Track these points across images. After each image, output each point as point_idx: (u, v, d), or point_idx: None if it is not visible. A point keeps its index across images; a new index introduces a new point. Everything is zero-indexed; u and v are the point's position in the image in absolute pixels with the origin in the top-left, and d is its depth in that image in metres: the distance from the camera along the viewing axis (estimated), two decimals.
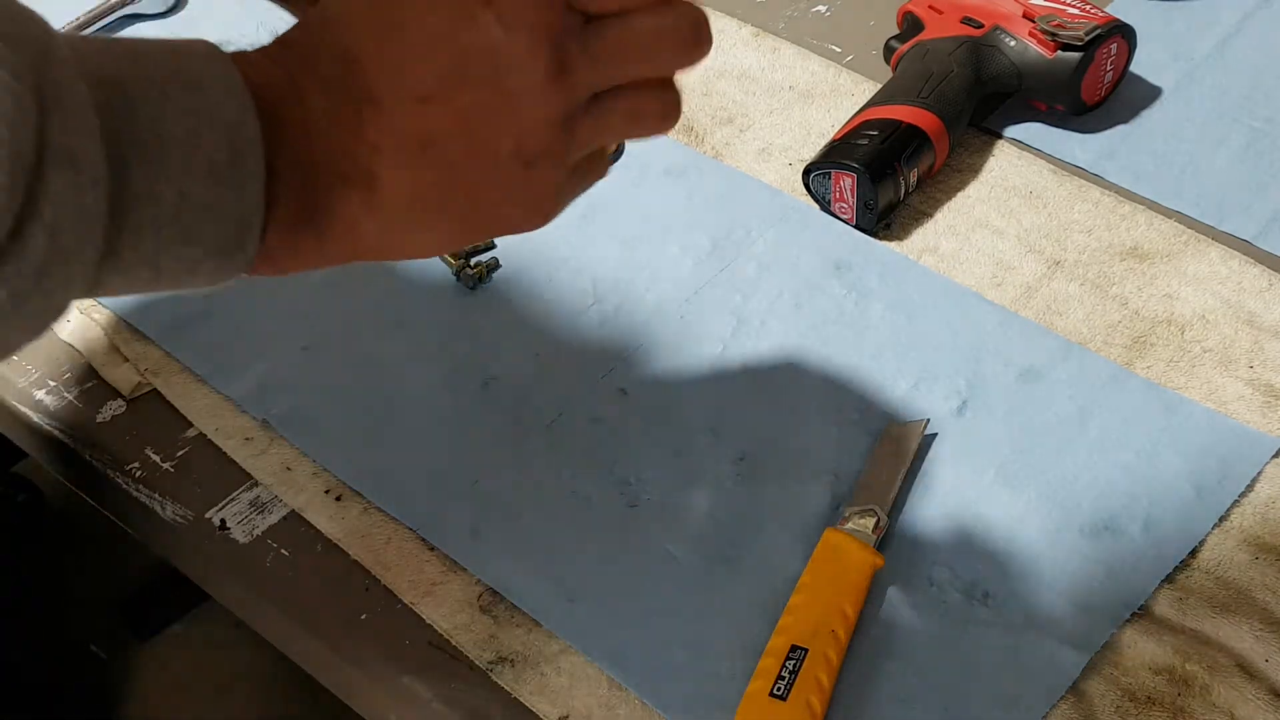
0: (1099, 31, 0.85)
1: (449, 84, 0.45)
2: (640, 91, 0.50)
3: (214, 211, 0.43)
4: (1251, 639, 0.64)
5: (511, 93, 0.46)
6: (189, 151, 0.42)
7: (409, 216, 0.48)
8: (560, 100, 0.47)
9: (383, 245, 0.49)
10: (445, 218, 0.48)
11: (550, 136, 0.48)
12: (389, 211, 0.47)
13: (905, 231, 0.84)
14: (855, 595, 0.65)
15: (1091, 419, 0.73)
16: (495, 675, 0.66)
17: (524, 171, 0.48)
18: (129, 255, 0.43)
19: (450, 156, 0.46)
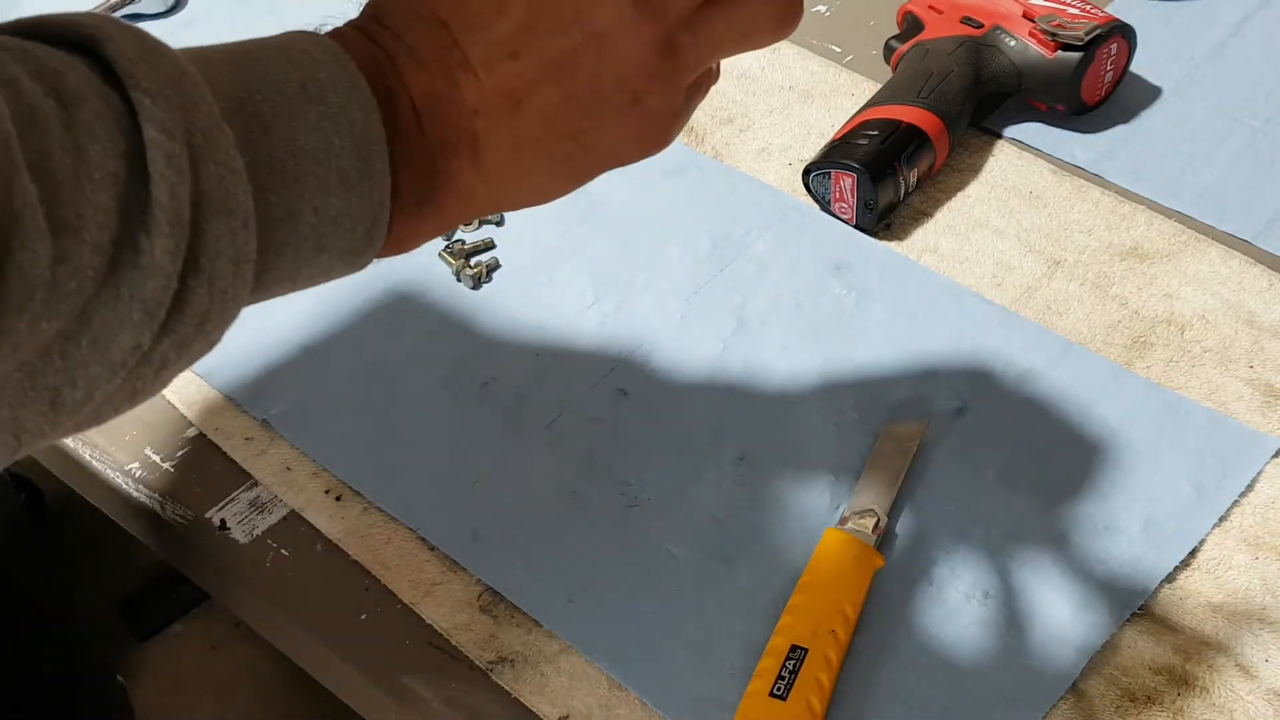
0: (1099, 31, 0.85)
1: (532, 35, 0.45)
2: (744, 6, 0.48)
3: (347, 219, 0.44)
4: (1251, 639, 0.64)
5: (599, 32, 0.45)
6: (322, 168, 0.42)
7: (517, 169, 0.47)
8: (652, 28, 0.46)
9: (495, 201, 0.48)
10: (553, 164, 0.48)
11: (652, 66, 0.46)
12: (497, 169, 0.47)
13: (905, 231, 0.84)
14: (855, 595, 0.65)
15: (1091, 419, 0.73)
16: (495, 675, 0.66)
17: (633, 107, 0.47)
18: (271, 276, 0.43)
19: (548, 105, 0.46)
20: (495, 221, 0.86)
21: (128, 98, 0.38)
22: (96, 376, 0.38)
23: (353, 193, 0.43)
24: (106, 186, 0.37)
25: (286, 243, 0.42)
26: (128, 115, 0.38)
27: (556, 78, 0.46)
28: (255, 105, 0.41)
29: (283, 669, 0.85)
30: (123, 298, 0.37)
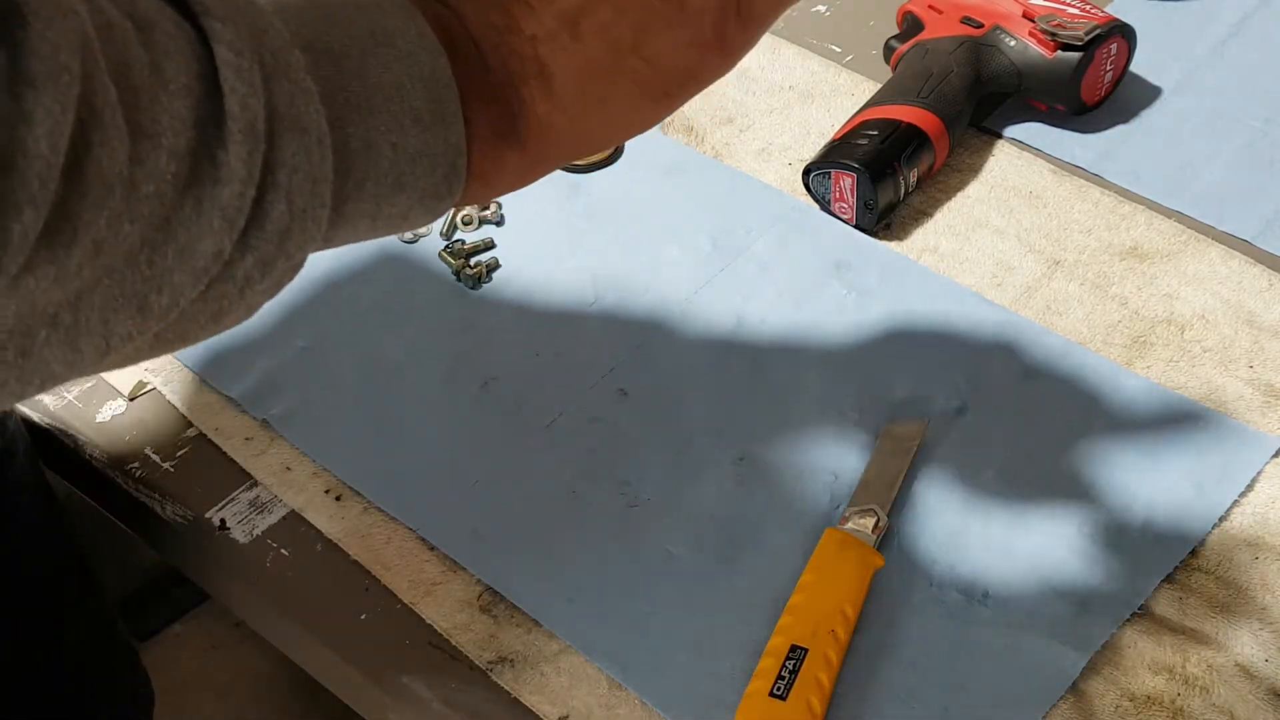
0: (1099, 31, 0.85)
1: None
2: None
3: (425, 158, 0.45)
4: (1251, 639, 0.64)
5: None
6: (395, 105, 0.43)
7: (591, 94, 0.47)
8: None
9: (580, 131, 0.49)
10: (626, 85, 0.48)
11: None
12: (571, 96, 0.47)
13: (905, 231, 0.84)
14: (855, 595, 0.65)
15: (1091, 419, 0.73)
16: (495, 675, 0.66)
17: (678, 13, 0.47)
18: (351, 209, 0.44)
19: (604, 23, 0.47)
20: (495, 221, 0.86)
21: (199, 26, 0.39)
22: (181, 284, 0.39)
23: (428, 132, 0.44)
24: (182, 97, 0.38)
25: (366, 175, 0.43)
26: (200, 41, 0.39)
27: None
28: (325, 43, 0.43)
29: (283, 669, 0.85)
30: (203, 208, 0.39)
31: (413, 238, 0.85)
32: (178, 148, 0.38)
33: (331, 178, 0.42)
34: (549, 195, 0.88)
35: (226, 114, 0.39)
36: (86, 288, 0.37)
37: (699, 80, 0.49)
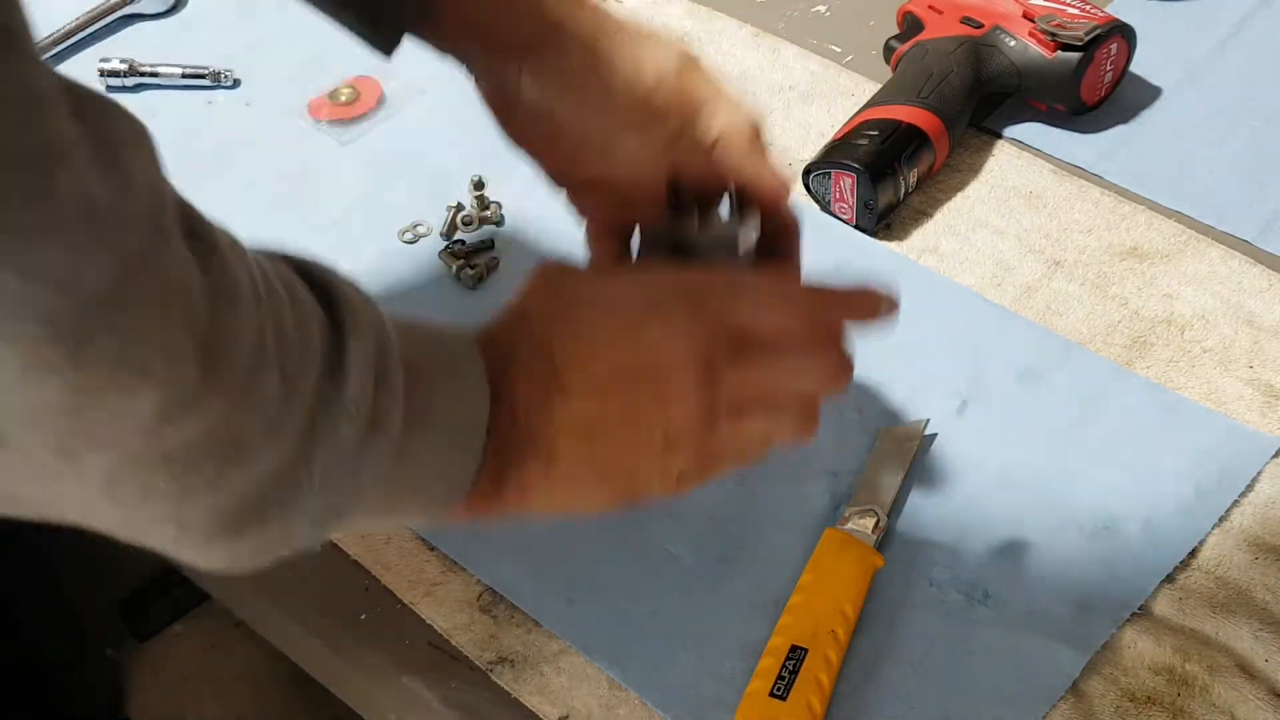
0: (1099, 31, 0.85)
1: (621, 379, 0.54)
2: (779, 407, 0.57)
3: (444, 474, 0.52)
4: (1251, 639, 0.64)
5: (666, 392, 0.54)
6: (444, 426, 0.51)
7: (572, 484, 0.55)
8: (705, 401, 0.54)
9: (548, 503, 0.56)
10: (600, 486, 0.56)
11: (691, 429, 0.55)
12: (558, 478, 0.55)
13: (905, 231, 0.84)
14: (855, 595, 0.65)
15: (1091, 419, 0.73)
16: (495, 675, 0.66)
17: (668, 454, 0.55)
18: (383, 494, 0.50)
19: (613, 440, 0.55)
20: (495, 222, 0.86)
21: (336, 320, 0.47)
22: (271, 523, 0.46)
23: (456, 456, 0.51)
24: (315, 363, 0.45)
25: (402, 476, 0.50)
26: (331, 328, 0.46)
27: (626, 418, 0.54)
28: (419, 363, 0.50)
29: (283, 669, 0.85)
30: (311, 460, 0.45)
31: (413, 238, 0.85)
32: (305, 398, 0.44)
33: (387, 479, 0.49)
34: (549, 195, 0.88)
35: (347, 395, 0.46)
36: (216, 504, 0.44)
37: (648, 499, 0.57)
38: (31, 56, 0.35)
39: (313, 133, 0.94)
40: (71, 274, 0.36)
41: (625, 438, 0.55)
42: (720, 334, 0.55)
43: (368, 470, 0.48)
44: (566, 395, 0.54)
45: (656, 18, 1.00)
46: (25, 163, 0.34)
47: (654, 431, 0.55)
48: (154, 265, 0.38)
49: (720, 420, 0.56)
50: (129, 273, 0.37)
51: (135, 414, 0.39)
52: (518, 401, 0.53)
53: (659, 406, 0.55)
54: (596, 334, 0.55)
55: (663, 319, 0.55)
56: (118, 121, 0.39)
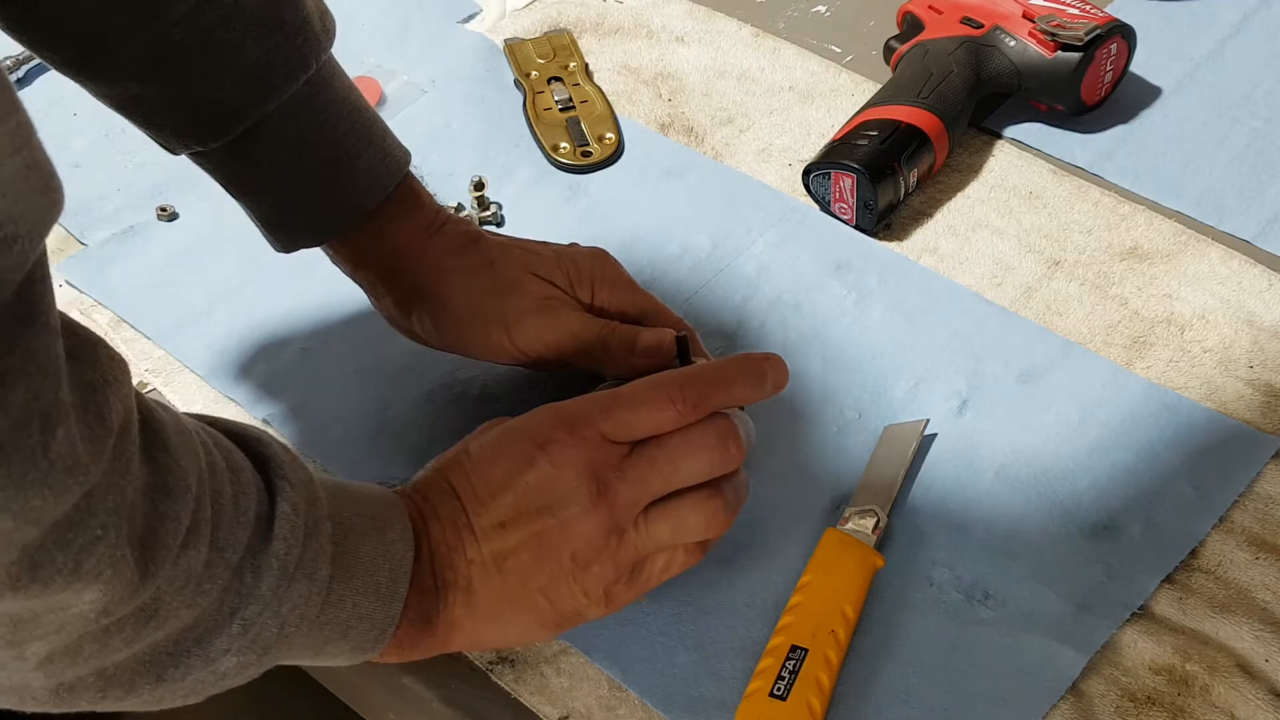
0: (1099, 31, 0.85)
1: (519, 512, 0.59)
2: (683, 502, 0.61)
3: (369, 620, 0.57)
4: (1251, 639, 0.64)
5: (565, 516, 0.59)
6: (367, 576, 0.56)
7: (495, 614, 0.60)
8: (604, 518, 0.59)
9: (474, 638, 0.61)
10: (523, 613, 0.60)
11: (600, 546, 0.60)
12: (480, 610, 0.60)
13: (905, 231, 0.84)
14: (855, 595, 0.65)
15: (1091, 419, 0.73)
16: (495, 675, 0.66)
17: (581, 572, 0.60)
18: (308, 644, 0.55)
19: (523, 566, 0.59)
20: (495, 222, 0.86)
21: (269, 483, 0.53)
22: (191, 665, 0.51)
23: (380, 601, 0.57)
24: (245, 529, 0.51)
25: (331, 621, 0.55)
26: (265, 491, 0.53)
27: (531, 547, 0.59)
28: (344, 518, 0.56)
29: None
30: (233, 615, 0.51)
31: None
32: (231, 562, 0.50)
33: (314, 621, 0.54)
34: (549, 195, 0.88)
35: (271, 552, 0.52)
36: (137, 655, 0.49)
37: (584, 620, 0.62)
38: (53, 329, 0.41)
39: None
40: (46, 512, 0.41)
41: (534, 565, 0.59)
42: (603, 449, 0.59)
43: (293, 615, 0.53)
44: (474, 532, 0.59)
45: (656, 18, 1.00)
46: (35, 425, 0.40)
47: (561, 555, 0.59)
48: (109, 490, 0.44)
49: (627, 530, 0.60)
50: (88, 498, 0.43)
51: (80, 610, 0.45)
52: (436, 547, 0.59)
53: (560, 532, 0.59)
54: (494, 476, 0.60)
55: (546, 451, 0.59)
56: (99, 364, 0.44)
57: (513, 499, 0.59)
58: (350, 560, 0.55)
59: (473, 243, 0.72)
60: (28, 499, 0.40)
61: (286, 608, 0.53)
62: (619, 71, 0.96)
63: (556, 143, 0.90)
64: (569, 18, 1.00)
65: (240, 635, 0.52)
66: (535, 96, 0.93)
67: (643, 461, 0.60)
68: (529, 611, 0.60)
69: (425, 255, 0.71)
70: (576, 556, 0.59)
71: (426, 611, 0.59)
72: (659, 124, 0.92)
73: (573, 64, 0.96)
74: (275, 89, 0.66)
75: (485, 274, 0.70)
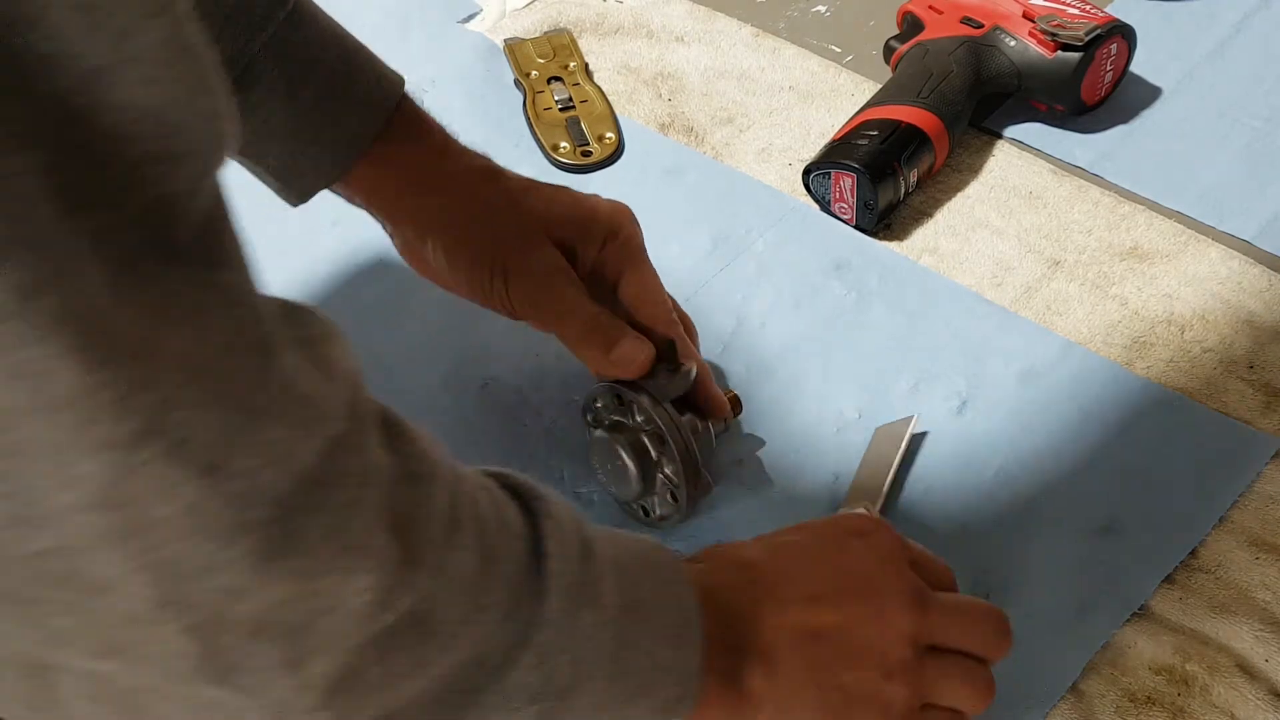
0: (1099, 31, 0.85)
1: (835, 589, 0.56)
2: (969, 662, 0.58)
3: (670, 672, 0.52)
4: (1251, 639, 0.64)
5: (883, 606, 0.56)
6: (659, 615, 0.52)
7: (797, 693, 0.56)
8: (919, 622, 0.56)
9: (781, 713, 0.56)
10: (823, 705, 0.56)
11: (907, 653, 0.56)
12: (783, 685, 0.55)
13: (905, 231, 0.84)
14: None
15: (1091, 419, 0.73)
16: None
17: (882, 680, 0.56)
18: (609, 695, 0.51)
19: (833, 646, 0.56)
20: None
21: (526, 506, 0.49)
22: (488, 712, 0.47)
23: (676, 649, 0.52)
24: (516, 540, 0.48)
25: (625, 666, 0.51)
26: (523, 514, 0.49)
27: (844, 627, 0.56)
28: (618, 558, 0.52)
29: None
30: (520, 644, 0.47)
31: None
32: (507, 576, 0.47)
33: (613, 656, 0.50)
34: None
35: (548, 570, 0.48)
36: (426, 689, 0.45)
37: None
38: (246, 272, 0.39)
39: None
40: (291, 452, 0.38)
41: (844, 648, 0.56)
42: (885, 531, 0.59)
43: (588, 648, 0.49)
44: (781, 603, 0.56)
45: (656, 18, 1.00)
46: (249, 351, 0.37)
47: (872, 646, 0.56)
48: (355, 447, 0.41)
49: (928, 656, 0.57)
50: (335, 452, 0.39)
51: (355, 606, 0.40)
52: (727, 607, 0.55)
53: (878, 619, 0.56)
54: (793, 550, 0.57)
55: (862, 538, 0.58)
56: (315, 322, 0.42)
57: (828, 575, 0.56)
58: (633, 594, 0.51)
59: (492, 178, 0.70)
60: (262, 429, 0.37)
61: (579, 638, 0.48)
62: (619, 71, 0.96)
63: (556, 143, 0.90)
64: (569, 18, 1.00)
65: (536, 668, 0.47)
66: (535, 96, 0.93)
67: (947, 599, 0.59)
68: (826, 707, 0.56)
69: (442, 186, 0.69)
70: (885, 659, 0.56)
71: (727, 675, 0.54)
72: (659, 124, 0.92)
73: (573, 64, 0.96)
74: (257, 27, 0.65)
75: (504, 217, 0.69)
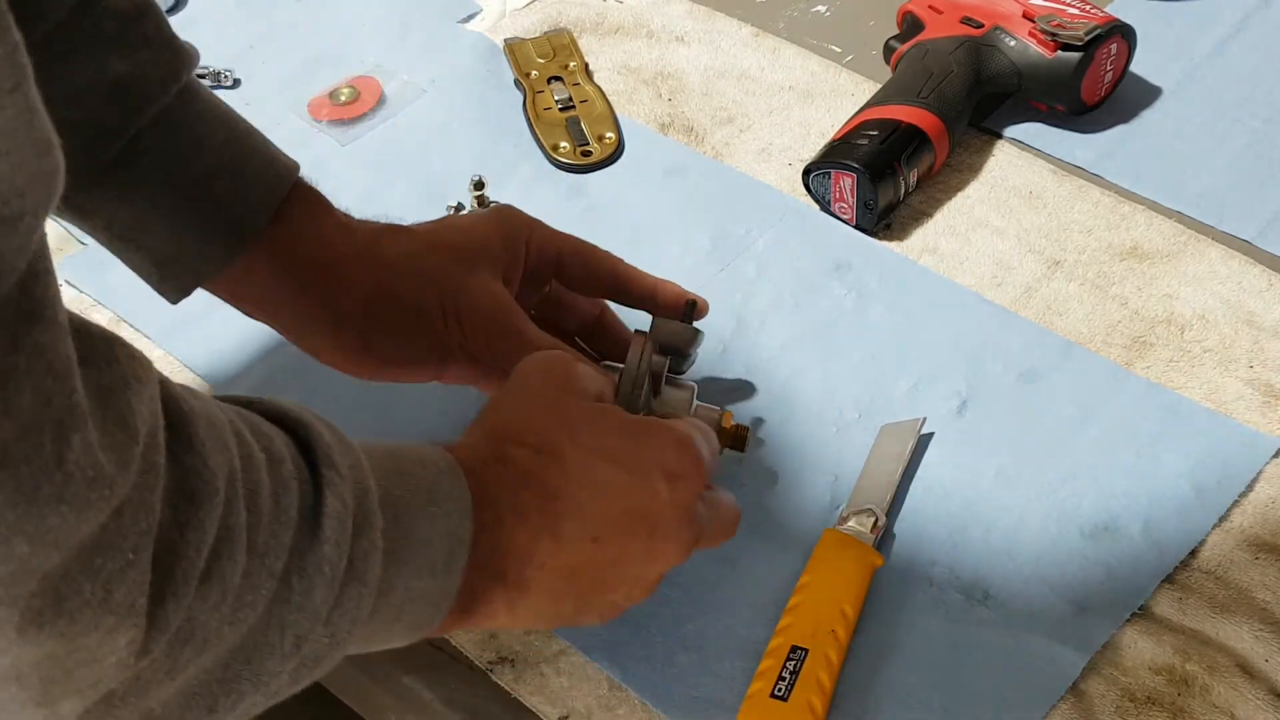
0: (1099, 31, 0.85)
1: (616, 530, 0.56)
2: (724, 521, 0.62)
3: (423, 600, 0.52)
4: (1251, 639, 0.64)
5: (656, 551, 0.57)
6: (422, 556, 0.51)
7: (535, 614, 0.57)
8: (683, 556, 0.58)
9: (503, 625, 0.58)
10: (555, 616, 0.58)
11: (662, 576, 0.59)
12: (523, 609, 0.56)
13: (905, 231, 0.84)
14: (855, 595, 0.65)
15: (1091, 419, 0.73)
16: (495, 675, 0.66)
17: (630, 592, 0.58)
18: (361, 633, 0.50)
19: (591, 582, 0.56)
20: None
21: (315, 472, 0.47)
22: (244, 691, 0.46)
23: (436, 580, 0.52)
24: (289, 528, 0.45)
25: (381, 609, 0.50)
26: (310, 482, 0.47)
27: (609, 565, 0.56)
28: (395, 498, 0.50)
29: None
30: (282, 626, 0.46)
31: None
32: (275, 570, 0.45)
33: (367, 619, 0.49)
34: (549, 195, 0.88)
35: (322, 554, 0.46)
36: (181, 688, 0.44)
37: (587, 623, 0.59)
38: (61, 326, 0.37)
39: (313, 133, 0.94)
40: (69, 533, 0.37)
41: (603, 585, 0.57)
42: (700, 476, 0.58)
43: (344, 621, 0.48)
44: (558, 540, 0.55)
45: (656, 18, 1.00)
46: (47, 432, 0.36)
47: (626, 579, 0.57)
48: (141, 505, 0.39)
49: None
50: (118, 517, 0.38)
51: (116, 655, 0.40)
52: (503, 534, 0.54)
53: (645, 559, 0.57)
54: (604, 486, 0.56)
55: (670, 482, 0.57)
56: (117, 363, 0.39)
57: (617, 513, 0.56)
58: (404, 544, 0.50)
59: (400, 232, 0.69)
60: (44, 517, 0.36)
61: (338, 615, 0.47)
62: (619, 71, 0.96)
63: (556, 142, 0.90)
64: (569, 17, 1.00)
65: (293, 654, 0.47)
66: (535, 96, 0.93)
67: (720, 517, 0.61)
68: (562, 617, 0.58)
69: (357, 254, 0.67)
70: (640, 582, 0.58)
71: (469, 597, 0.54)
72: (659, 124, 0.92)
73: (573, 64, 0.96)
74: (148, 99, 0.63)
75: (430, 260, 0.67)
